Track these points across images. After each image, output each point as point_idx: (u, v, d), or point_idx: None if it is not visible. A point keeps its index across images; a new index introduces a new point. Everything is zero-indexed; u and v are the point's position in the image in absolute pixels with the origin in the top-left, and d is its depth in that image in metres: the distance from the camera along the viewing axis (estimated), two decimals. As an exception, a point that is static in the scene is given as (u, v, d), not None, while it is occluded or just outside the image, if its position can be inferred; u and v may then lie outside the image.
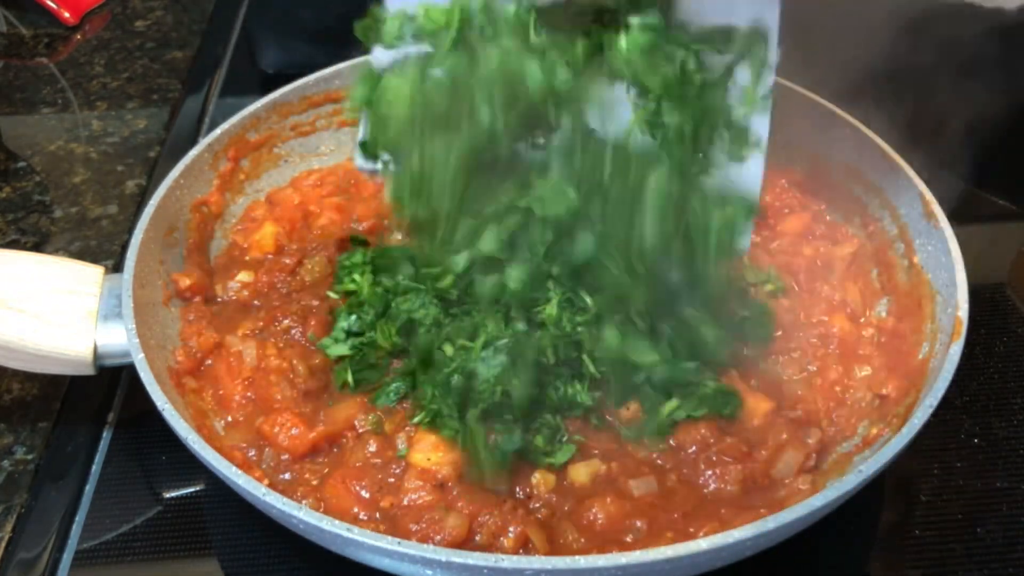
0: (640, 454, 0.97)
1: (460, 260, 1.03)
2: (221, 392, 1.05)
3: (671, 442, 0.97)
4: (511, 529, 0.89)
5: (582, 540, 0.90)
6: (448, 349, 1.00)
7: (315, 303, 1.12)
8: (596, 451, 0.98)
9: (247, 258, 1.21)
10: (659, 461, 0.97)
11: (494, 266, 1.00)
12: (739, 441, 0.96)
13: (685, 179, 0.94)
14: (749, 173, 0.97)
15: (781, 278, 1.14)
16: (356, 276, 1.12)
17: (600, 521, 0.91)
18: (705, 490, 0.94)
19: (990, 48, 1.35)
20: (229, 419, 1.03)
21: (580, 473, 0.95)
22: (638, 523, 0.91)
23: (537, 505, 0.93)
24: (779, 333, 1.07)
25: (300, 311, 1.11)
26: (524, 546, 0.89)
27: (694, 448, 0.96)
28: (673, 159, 0.93)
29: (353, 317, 1.07)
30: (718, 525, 0.88)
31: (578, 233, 0.95)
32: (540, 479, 0.95)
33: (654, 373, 0.98)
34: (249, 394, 1.04)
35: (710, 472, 0.95)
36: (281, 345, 1.08)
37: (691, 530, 0.89)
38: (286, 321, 1.10)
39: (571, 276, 0.99)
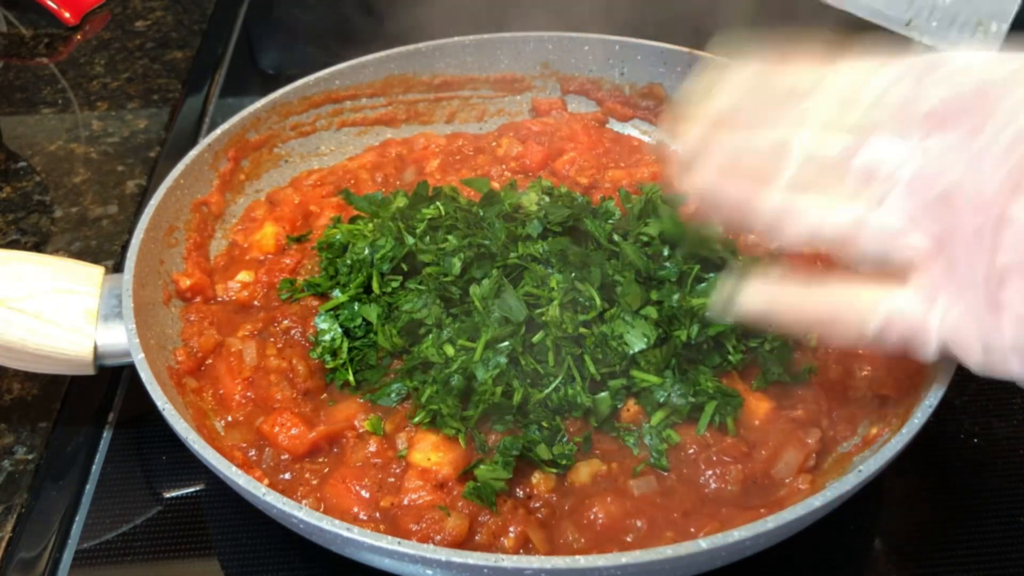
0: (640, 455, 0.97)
1: (456, 263, 1.04)
2: (221, 392, 1.05)
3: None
4: (511, 529, 0.89)
5: (582, 540, 0.90)
6: (449, 349, 1.00)
7: (315, 303, 1.12)
8: (597, 451, 0.98)
9: (247, 258, 1.21)
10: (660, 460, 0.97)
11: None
12: (739, 441, 0.96)
13: None
14: None
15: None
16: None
17: (600, 521, 0.91)
18: (705, 490, 0.94)
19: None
20: (229, 419, 1.03)
21: (580, 473, 0.95)
22: (638, 523, 0.91)
23: (537, 505, 0.93)
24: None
25: (300, 311, 1.11)
26: (524, 546, 0.89)
27: (694, 448, 0.96)
28: None
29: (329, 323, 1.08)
30: (718, 525, 0.88)
31: None
32: (540, 479, 0.95)
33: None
34: (249, 394, 1.04)
35: (710, 472, 0.95)
36: (281, 345, 1.08)
37: (691, 530, 0.89)
38: (286, 321, 1.10)
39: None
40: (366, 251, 1.10)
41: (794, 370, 1.04)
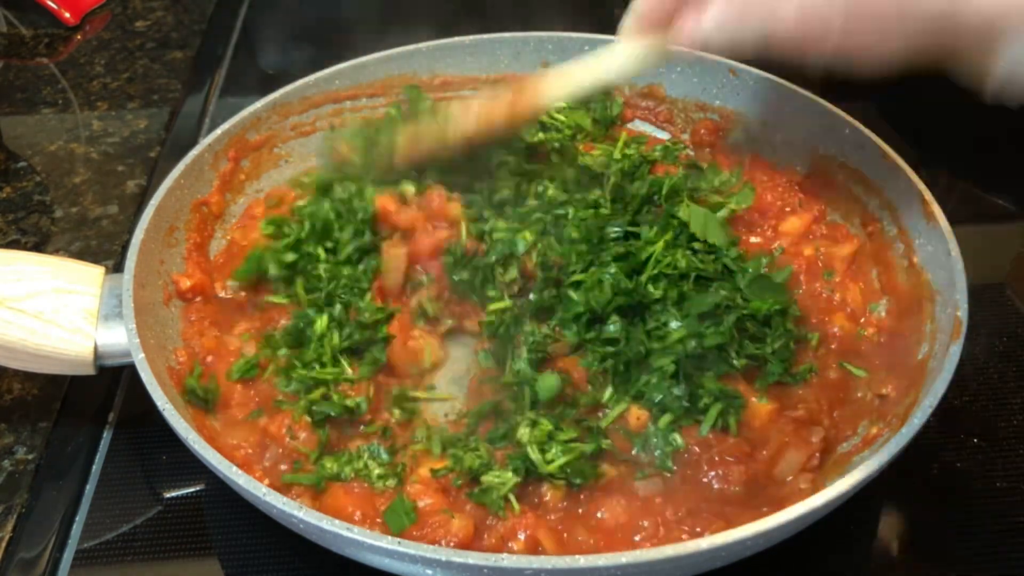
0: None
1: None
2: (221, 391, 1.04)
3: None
4: (520, 534, 0.89)
5: (591, 541, 0.90)
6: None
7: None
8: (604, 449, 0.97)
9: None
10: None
11: None
12: (741, 441, 0.97)
13: None
14: None
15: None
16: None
17: (607, 522, 0.91)
18: (709, 490, 0.94)
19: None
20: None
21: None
22: (644, 523, 0.91)
23: (547, 510, 0.93)
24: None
25: (300, 311, 1.11)
26: (534, 550, 0.89)
27: (697, 449, 0.96)
28: None
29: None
30: (723, 524, 0.88)
31: None
32: (549, 489, 0.94)
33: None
34: (251, 393, 1.04)
35: (713, 473, 0.95)
36: (281, 344, 1.08)
37: (697, 529, 0.89)
38: (284, 320, 1.10)
39: None
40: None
41: (795, 370, 1.04)
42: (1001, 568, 0.96)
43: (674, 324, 1.01)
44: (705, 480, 0.94)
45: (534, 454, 0.94)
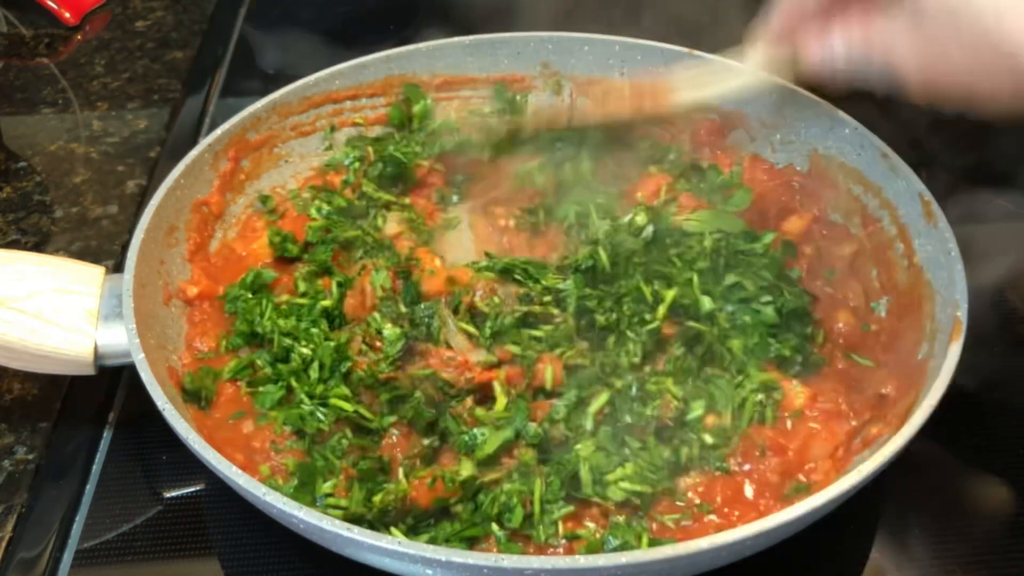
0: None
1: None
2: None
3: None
4: None
5: None
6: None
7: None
8: None
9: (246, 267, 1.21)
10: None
11: None
12: (776, 433, 0.98)
13: None
14: None
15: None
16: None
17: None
18: (746, 481, 0.95)
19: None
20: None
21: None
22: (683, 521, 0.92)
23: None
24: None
25: (298, 311, 1.11)
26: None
27: (736, 440, 0.98)
28: None
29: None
30: (757, 515, 0.88)
31: None
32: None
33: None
34: (239, 394, 1.04)
35: (748, 465, 0.95)
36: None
37: (734, 518, 0.91)
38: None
39: None
40: None
41: (809, 360, 1.05)
42: (1001, 568, 0.96)
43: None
44: (741, 472, 0.95)
45: (585, 473, 0.92)
